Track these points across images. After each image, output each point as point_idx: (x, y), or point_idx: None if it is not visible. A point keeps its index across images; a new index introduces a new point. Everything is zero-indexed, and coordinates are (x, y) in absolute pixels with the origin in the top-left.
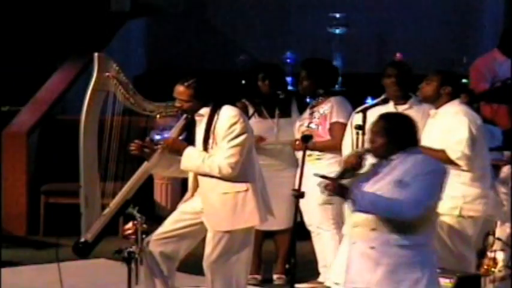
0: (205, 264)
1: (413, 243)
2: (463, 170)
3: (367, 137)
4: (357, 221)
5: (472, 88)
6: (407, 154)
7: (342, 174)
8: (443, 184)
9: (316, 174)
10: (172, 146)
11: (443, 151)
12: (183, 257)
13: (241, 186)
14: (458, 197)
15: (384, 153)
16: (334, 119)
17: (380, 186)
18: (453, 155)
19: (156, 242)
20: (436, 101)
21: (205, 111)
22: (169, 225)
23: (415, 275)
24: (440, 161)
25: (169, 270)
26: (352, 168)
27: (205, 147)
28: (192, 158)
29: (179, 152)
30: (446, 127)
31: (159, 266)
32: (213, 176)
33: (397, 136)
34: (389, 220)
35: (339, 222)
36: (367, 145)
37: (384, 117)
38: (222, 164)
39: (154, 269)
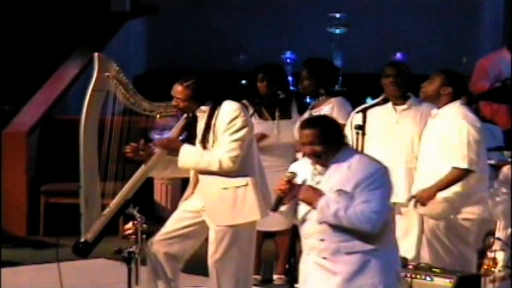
0: (211, 262)
1: (365, 249)
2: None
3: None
4: (307, 232)
5: (471, 86)
6: (340, 157)
7: (277, 204)
8: (389, 183)
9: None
10: (169, 145)
11: (452, 171)
12: (188, 257)
13: (241, 181)
14: (454, 200)
15: (326, 161)
16: None
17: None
18: (463, 165)
19: (161, 242)
20: (437, 101)
21: (206, 107)
22: (172, 224)
23: (371, 280)
24: (456, 180)
25: (173, 271)
26: (285, 195)
27: (204, 142)
28: (189, 155)
29: (176, 151)
30: (445, 129)
31: (163, 267)
32: (213, 171)
33: (333, 140)
34: (337, 229)
35: None
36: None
37: (311, 124)
38: (222, 158)
39: (158, 270)
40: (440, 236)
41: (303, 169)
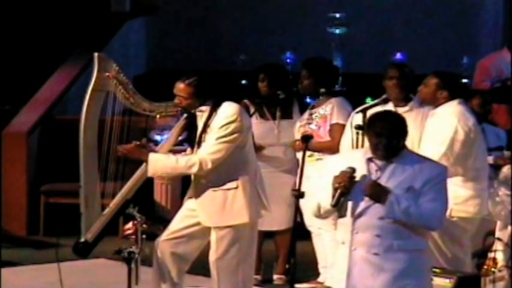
0: (211, 261)
1: (415, 248)
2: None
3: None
4: (361, 226)
5: (474, 87)
6: (403, 155)
7: (339, 200)
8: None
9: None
10: (132, 154)
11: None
12: (193, 259)
13: (231, 183)
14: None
15: (394, 156)
16: (334, 120)
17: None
18: (437, 158)
19: (167, 242)
20: (434, 103)
21: (206, 107)
22: (177, 223)
23: (416, 281)
24: None
25: (179, 273)
26: (347, 191)
27: (200, 143)
28: (161, 161)
29: (142, 159)
30: (438, 128)
31: (168, 269)
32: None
33: (404, 136)
34: (395, 226)
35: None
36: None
37: (389, 117)
38: (204, 159)
39: (164, 272)
40: (434, 236)
41: (354, 164)
